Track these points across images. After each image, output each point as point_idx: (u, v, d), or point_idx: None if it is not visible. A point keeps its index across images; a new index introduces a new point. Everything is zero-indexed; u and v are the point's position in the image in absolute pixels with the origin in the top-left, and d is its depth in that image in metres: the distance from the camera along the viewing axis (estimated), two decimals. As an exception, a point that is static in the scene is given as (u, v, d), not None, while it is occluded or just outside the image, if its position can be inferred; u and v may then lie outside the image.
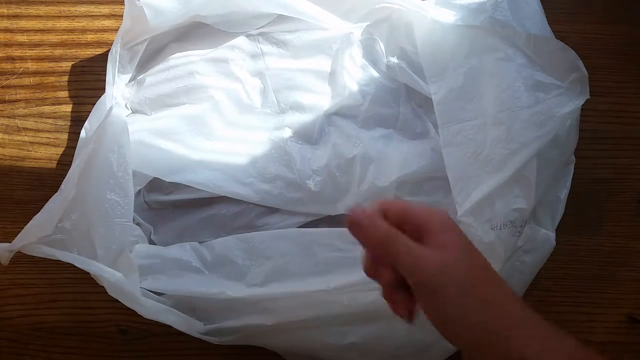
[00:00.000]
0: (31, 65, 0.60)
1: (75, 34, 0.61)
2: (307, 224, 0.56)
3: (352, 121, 0.57)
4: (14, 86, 0.60)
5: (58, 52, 0.60)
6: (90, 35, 0.61)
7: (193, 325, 0.50)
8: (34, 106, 0.59)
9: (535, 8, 0.54)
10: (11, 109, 0.59)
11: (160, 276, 0.52)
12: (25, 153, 0.59)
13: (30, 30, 0.61)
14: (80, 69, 0.60)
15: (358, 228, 0.34)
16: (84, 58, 0.60)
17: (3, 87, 0.60)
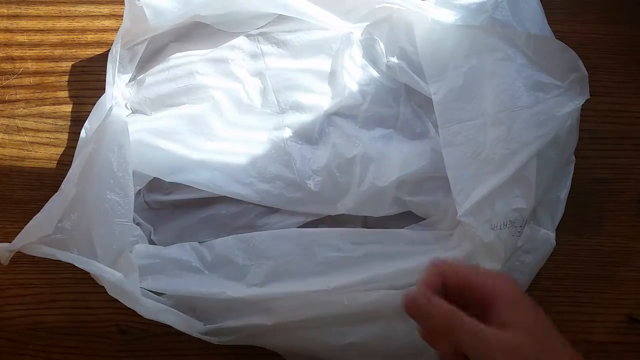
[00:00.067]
0: (31, 65, 0.60)
1: (75, 34, 0.61)
2: (307, 224, 0.56)
3: (352, 121, 0.57)
4: (14, 86, 0.60)
5: (58, 52, 0.60)
6: (90, 35, 0.61)
7: (193, 325, 0.50)
8: (34, 106, 0.59)
9: (535, 8, 0.54)
10: (11, 109, 0.59)
11: (160, 276, 0.52)
12: (25, 153, 0.59)
13: (30, 30, 0.61)
14: (80, 69, 0.60)
15: (416, 309, 0.31)
16: (84, 58, 0.60)
17: (3, 87, 0.60)
